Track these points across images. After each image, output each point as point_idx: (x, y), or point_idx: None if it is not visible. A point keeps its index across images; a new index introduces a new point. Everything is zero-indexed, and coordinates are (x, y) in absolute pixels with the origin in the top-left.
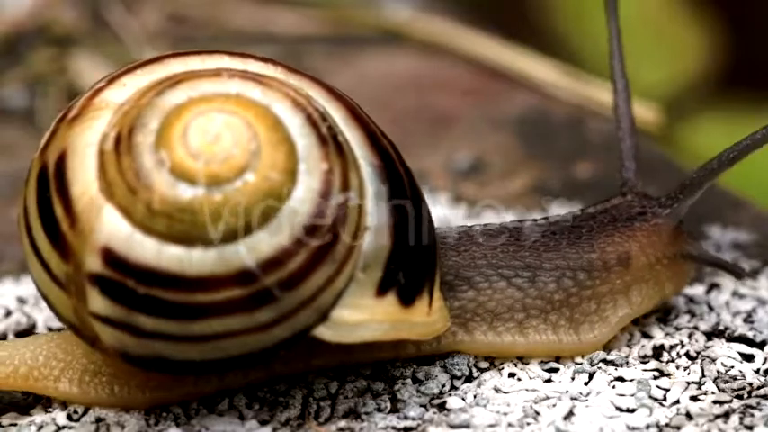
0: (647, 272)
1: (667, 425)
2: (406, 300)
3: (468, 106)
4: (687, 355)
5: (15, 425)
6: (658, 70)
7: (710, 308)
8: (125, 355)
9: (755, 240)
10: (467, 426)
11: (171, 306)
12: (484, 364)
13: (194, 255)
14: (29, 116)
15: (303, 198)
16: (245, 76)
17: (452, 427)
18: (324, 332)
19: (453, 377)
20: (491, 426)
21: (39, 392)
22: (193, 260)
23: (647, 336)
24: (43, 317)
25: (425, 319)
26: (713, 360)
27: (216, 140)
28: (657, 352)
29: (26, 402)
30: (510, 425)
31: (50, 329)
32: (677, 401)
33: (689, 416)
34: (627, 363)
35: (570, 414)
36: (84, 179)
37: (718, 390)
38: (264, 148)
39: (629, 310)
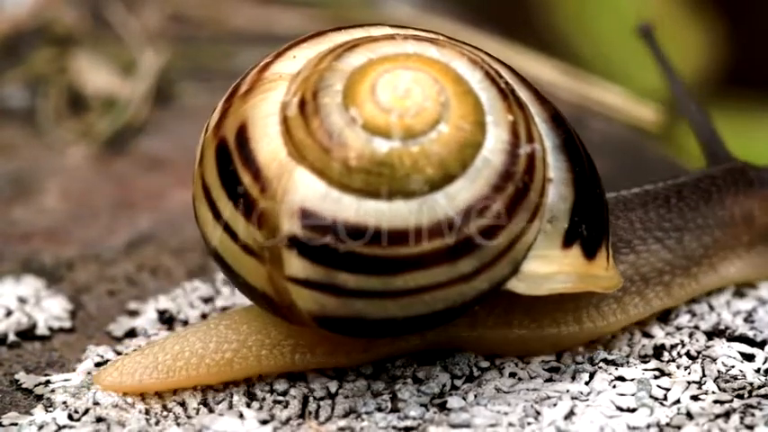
0: (764, 230)
1: (668, 424)
2: (589, 252)
3: None
4: (688, 354)
5: (16, 424)
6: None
7: (711, 307)
8: (322, 319)
9: None
10: (467, 425)
11: (373, 261)
12: (485, 364)
13: (395, 207)
14: (29, 116)
15: (494, 148)
16: (418, 37)
17: (453, 426)
18: (517, 285)
19: (454, 377)
20: (492, 425)
21: (214, 381)
22: (394, 213)
23: (648, 335)
24: (44, 317)
25: (605, 273)
26: (714, 360)
27: (407, 95)
28: (658, 351)
29: (27, 402)
30: (511, 424)
31: (51, 329)
32: (678, 401)
33: (689, 415)
34: (627, 362)
35: (571, 413)
36: (270, 146)
37: (719, 389)
38: (453, 101)
39: (756, 259)
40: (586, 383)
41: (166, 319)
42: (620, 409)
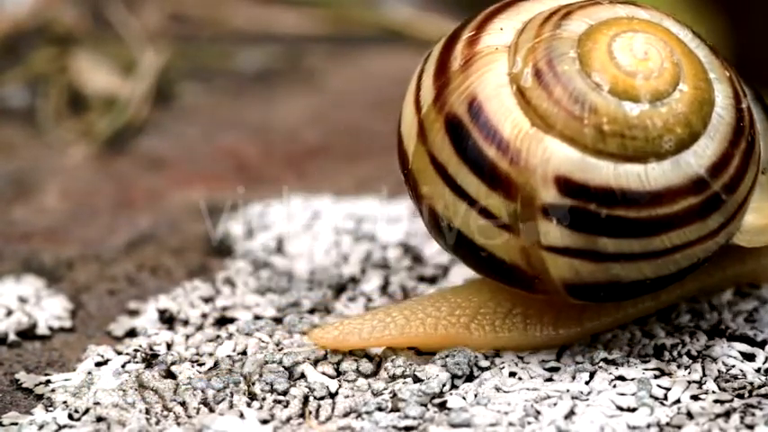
0: None
1: (668, 424)
2: None
3: None
4: (688, 354)
5: (16, 424)
6: None
7: (712, 307)
8: (574, 286)
9: None
10: (467, 425)
11: (633, 224)
12: (484, 363)
13: (650, 169)
14: (29, 116)
15: (723, 104)
16: (621, 1)
17: (453, 426)
18: (740, 238)
19: (454, 376)
20: (492, 425)
21: (450, 344)
22: (650, 175)
23: (649, 335)
24: (44, 316)
25: None
26: (714, 359)
27: (647, 57)
28: (658, 351)
29: (27, 402)
30: (511, 424)
31: (51, 329)
32: (678, 401)
33: (690, 415)
34: (628, 362)
35: (571, 413)
36: (512, 118)
37: (719, 389)
38: (683, 60)
39: None
40: (586, 383)
41: (167, 319)
42: (621, 409)
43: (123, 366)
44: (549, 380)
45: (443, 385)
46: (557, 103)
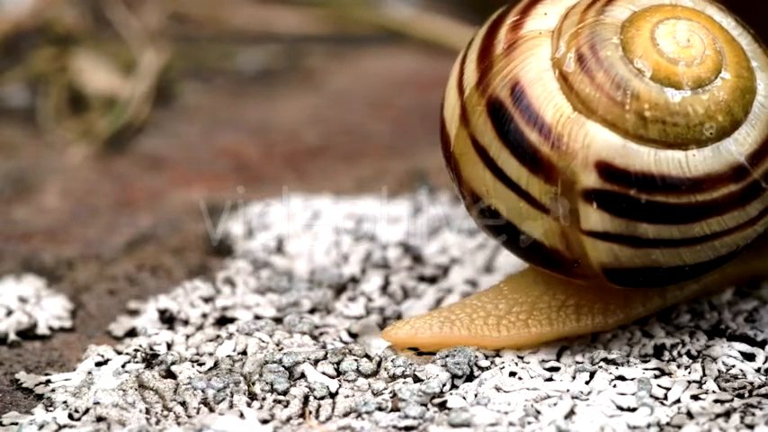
0: None
1: (668, 424)
2: None
3: None
4: (688, 354)
5: (16, 424)
6: None
7: (712, 307)
8: (613, 270)
9: None
10: (468, 425)
11: (673, 210)
12: (484, 363)
13: (690, 156)
14: (29, 115)
15: (766, 92)
16: None
17: (453, 426)
18: None
19: (454, 376)
20: (492, 425)
21: (512, 345)
22: (691, 161)
23: (648, 335)
24: (45, 316)
25: None
26: (714, 359)
27: (689, 44)
28: (658, 351)
29: (27, 401)
30: (511, 424)
31: (51, 329)
32: (678, 400)
33: (690, 415)
34: (628, 362)
35: (571, 413)
36: (554, 102)
37: (719, 389)
38: (725, 48)
39: None
40: (586, 383)
41: (167, 319)
42: (621, 409)
43: (123, 366)
44: (549, 380)
45: (443, 385)
46: (599, 88)
